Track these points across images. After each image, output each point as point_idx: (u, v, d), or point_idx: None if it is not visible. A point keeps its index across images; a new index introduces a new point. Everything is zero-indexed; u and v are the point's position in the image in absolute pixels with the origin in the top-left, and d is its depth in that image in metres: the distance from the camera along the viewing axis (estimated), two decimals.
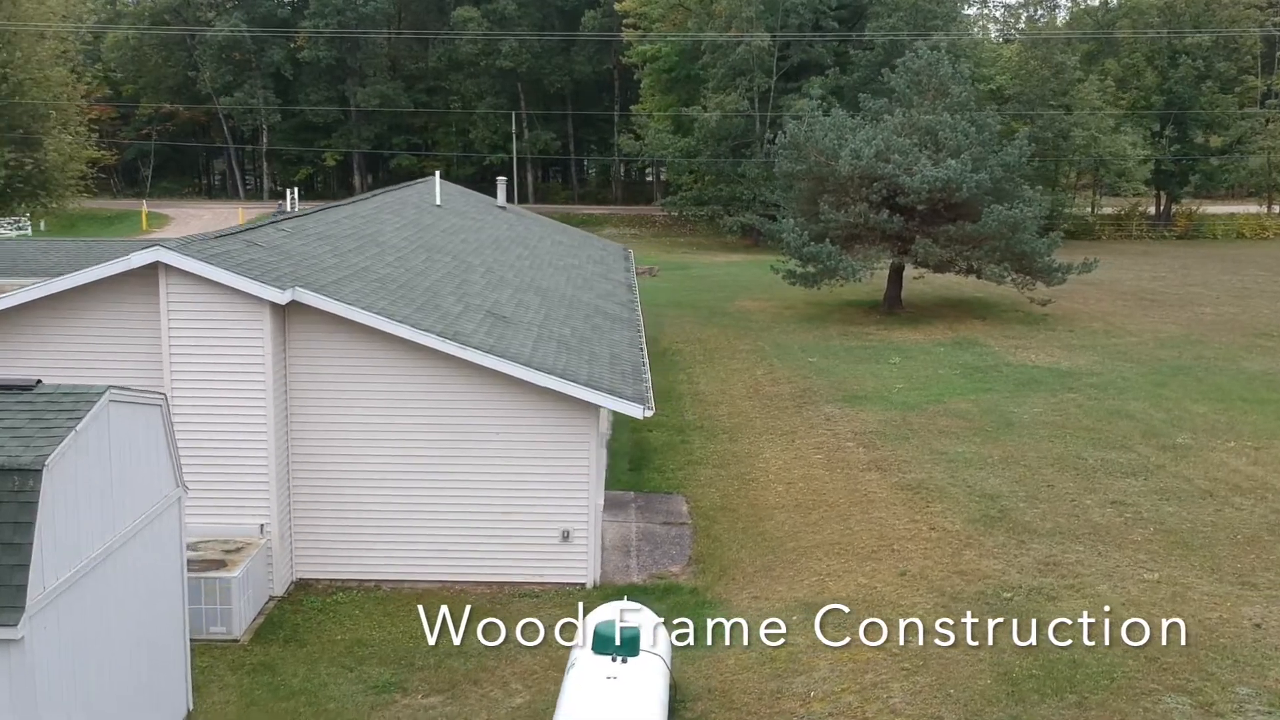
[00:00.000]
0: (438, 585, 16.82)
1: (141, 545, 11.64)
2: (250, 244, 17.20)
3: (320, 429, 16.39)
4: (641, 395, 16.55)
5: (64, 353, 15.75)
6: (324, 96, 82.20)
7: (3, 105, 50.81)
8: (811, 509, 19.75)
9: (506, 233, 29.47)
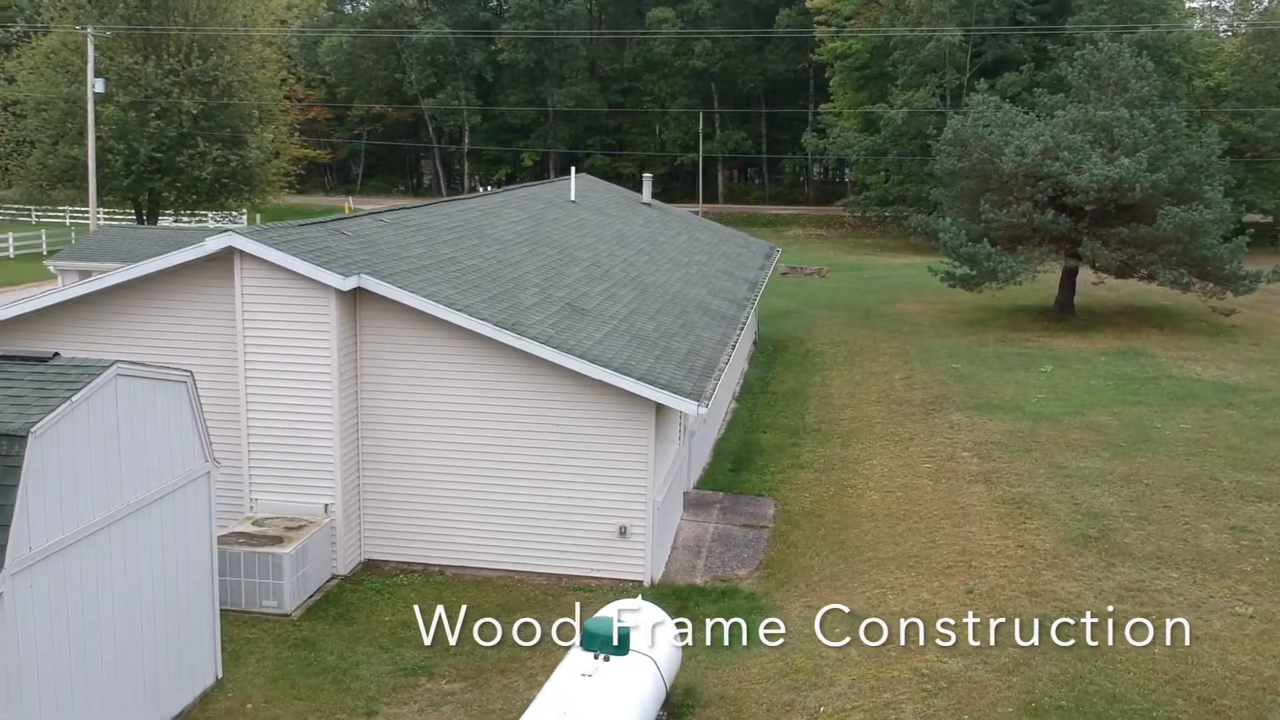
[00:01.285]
0: (497, 574, 16.92)
1: (161, 515, 12.14)
2: (336, 233, 17.74)
3: (389, 414, 16.75)
4: (699, 392, 16.17)
5: (151, 334, 16.65)
6: (522, 98, 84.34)
7: (213, 106, 54.28)
8: (901, 519, 18.88)
9: (638, 229, 29.44)
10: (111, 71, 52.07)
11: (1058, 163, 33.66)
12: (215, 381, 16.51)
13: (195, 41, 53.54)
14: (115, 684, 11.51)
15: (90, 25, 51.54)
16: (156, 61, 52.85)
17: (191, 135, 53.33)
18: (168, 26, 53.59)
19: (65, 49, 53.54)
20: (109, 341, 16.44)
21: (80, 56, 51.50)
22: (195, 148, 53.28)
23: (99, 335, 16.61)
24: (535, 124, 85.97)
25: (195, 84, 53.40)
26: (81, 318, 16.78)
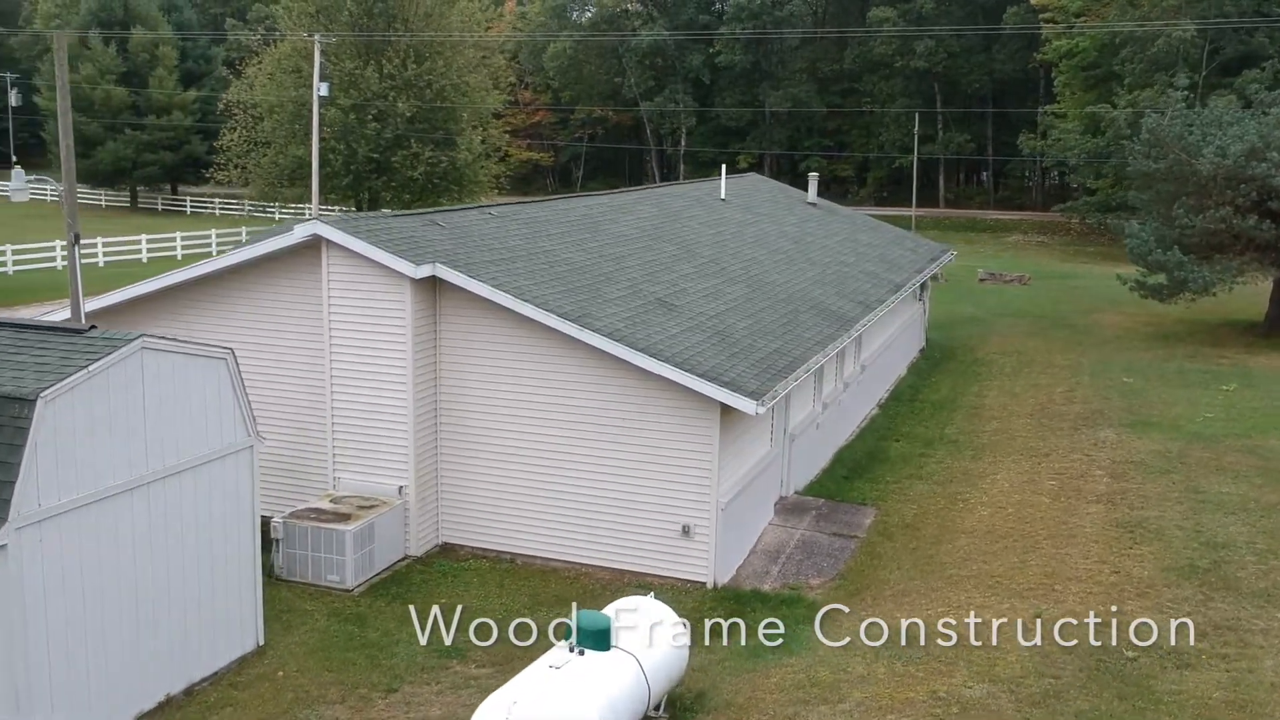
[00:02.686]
0: (564, 565, 16.96)
1: (194, 484, 12.78)
2: (430, 223, 18.21)
3: (465, 402, 17.06)
4: (761, 392, 15.68)
5: (249, 317, 17.59)
6: (738, 100, 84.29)
7: (427, 109, 56.81)
8: (1001, 537, 17.76)
9: (787, 229, 28.85)
10: (335, 76, 55.33)
11: (1264, 164, 30.84)
12: (308, 363, 17.28)
13: (412, 47, 56.19)
14: (137, 640, 12.20)
15: (318, 32, 54.95)
16: (376, 66, 55.79)
17: (406, 137, 56.00)
18: (388, 34, 56.48)
19: (296, 55, 57.25)
20: (207, 325, 17.50)
21: (308, 62, 54.96)
22: (409, 149, 55.93)
23: (200, 319, 17.68)
24: (751, 126, 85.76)
25: (410, 88, 56.05)
26: (185, 303, 17.92)
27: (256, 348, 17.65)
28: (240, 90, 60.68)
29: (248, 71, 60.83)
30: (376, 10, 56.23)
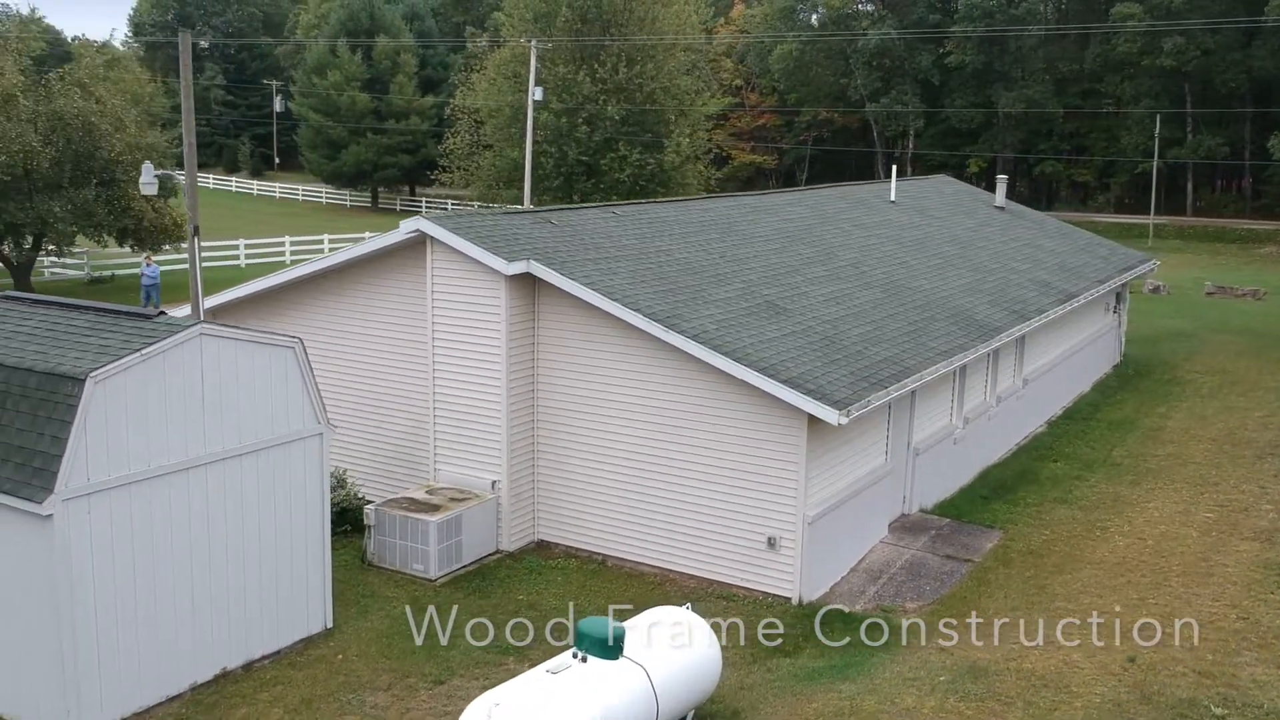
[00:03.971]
0: (652, 570, 16.67)
1: (257, 468, 13.24)
2: (542, 221, 18.29)
3: (561, 399, 17.03)
4: (849, 401, 14.90)
5: (367, 310, 18.15)
6: (969, 101, 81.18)
7: (637, 111, 57.44)
8: (1129, 571, 16.27)
9: (960, 233, 27.40)
10: (549, 80, 56.75)
11: None
12: (417, 357, 17.66)
13: (623, 51, 56.94)
14: (193, 615, 12.74)
15: (534, 38, 56.50)
16: (589, 71, 56.85)
17: (615, 140, 56.82)
18: (602, 38, 57.44)
19: (514, 61, 59.06)
20: (323, 319, 18.23)
21: (526, 68, 56.58)
22: (617, 152, 56.71)
23: (317, 314, 18.43)
24: (983, 128, 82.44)
25: (621, 91, 56.82)
26: (305, 298, 18.71)
27: (371, 339, 18.23)
28: (465, 95, 63.20)
29: (473, 77, 63.28)
30: (590, 15, 57.26)
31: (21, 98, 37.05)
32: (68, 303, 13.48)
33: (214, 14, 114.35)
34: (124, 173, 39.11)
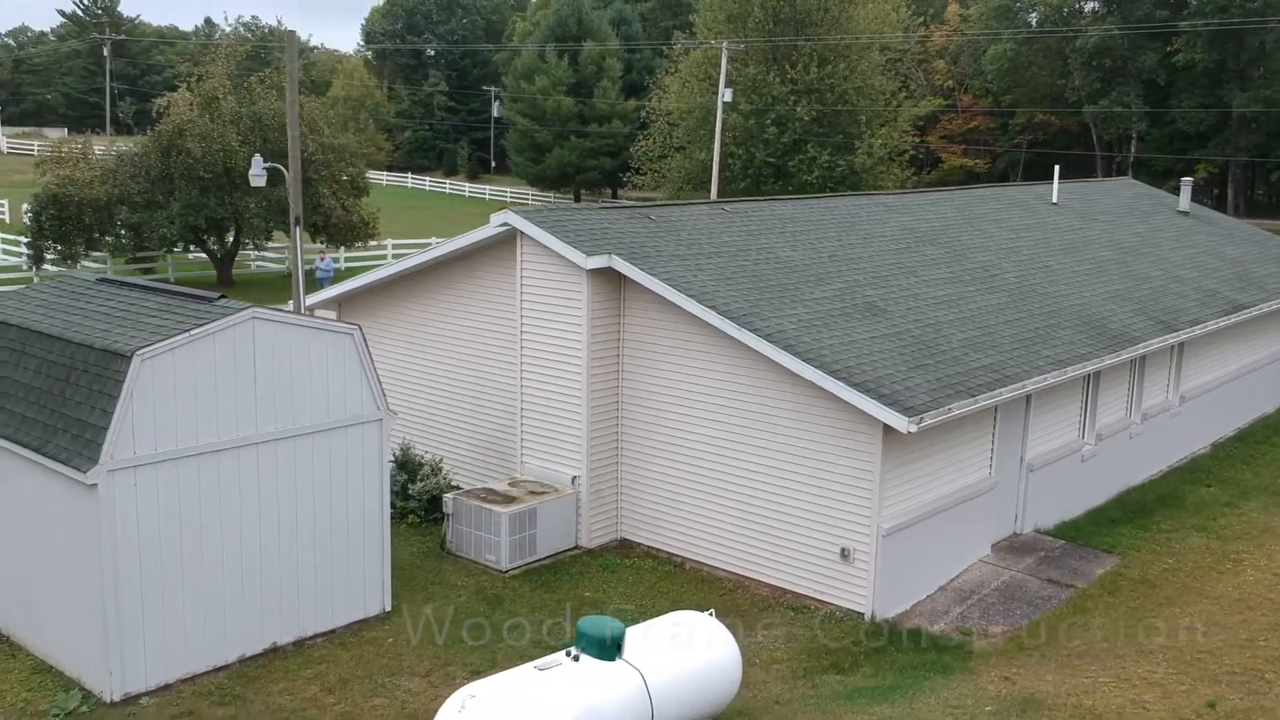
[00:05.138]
0: (728, 575, 16.22)
1: (312, 450, 13.56)
2: (640, 217, 18.09)
3: (644, 397, 16.79)
4: (924, 409, 14.02)
5: (464, 303, 18.41)
6: (1198, 102, 75.89)
7: (829, 112, 56.42)
8: (1251, 608, 14.73)
9: (1126, 238, 25.47)
10: (739, 82, 56.46)
11: None
12: (509, 350, 17.78)
13: (815, 51, 56.03)
14: (242, 590, 13.15)
15: (726, 39, 56.33)
16: (779, 71, 56.23)
17: (804, 141, 55.98)
18: (795, 39, 56.70)
19: (706, 62, 59.03)
20: (421, 313, 18.56)
21: (717, 68, 56.49)
22: (805, 153, 55.85)
23: (416, 308, 18.82)
24: (1214, 131, 76.94)
25: (812, 92, 55.94)
26: (410, 292, 19.17)
27: (470, 331, 18.48)
28: (659, 98, 63.63)
29: (666, 80, 63.64)
30: (783, 16, 56.62)
31: (223, 100, 39.56)
32: (148, 285, 14.18)
33: (439, 22, 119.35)
34: (315, 172, 41.19)
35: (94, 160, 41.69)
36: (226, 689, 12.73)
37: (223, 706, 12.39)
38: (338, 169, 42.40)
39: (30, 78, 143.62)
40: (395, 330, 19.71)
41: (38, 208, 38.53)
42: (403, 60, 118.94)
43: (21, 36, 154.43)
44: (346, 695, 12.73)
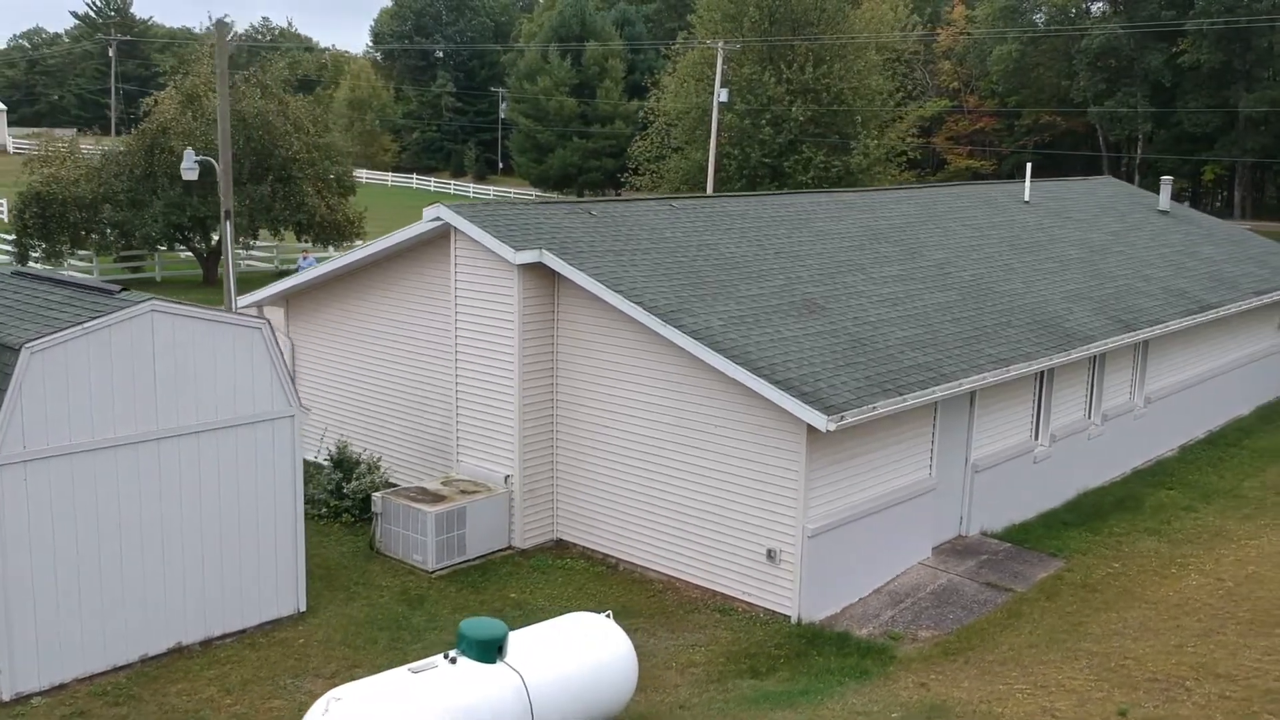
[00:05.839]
0: (659, 577, 15.90)
1: (218, 447, 13.30)
2: (582, 212, 17.80)
3: (577, 395, 16.49)
4: (846, 408, 13.67)
5: (403, 300, 18.16)
6: (1204, 103, 75.08)
7: (824, 112, 55.95)
8: (1188, 614, 14.32)
9: (1097, 237, 25.00)
10: (735, 82, 56.08)
11: None
12: (445, 347, 17.51)
13: (811, 51, 55.60)
14: (144, 589, 12.90)
15: (722, 39, 55.99)
16: (775, 71, 55.82)
17: (799, 142, 55.53)
18: (790, 39, 56.29)
19: (702, 62, 58.65)
20: (368, 310, 18.27)
21: (713, 69, 56.13)
22: (801, 154, 55.40)
23: (359, 304, 18.57)
24: (1220, 133, 76.13)
25: (807, 92, 55.50)
26: (349, 290, 18.97)
27: (411, 328, 18.24)
28: (657, 98, 63.31)
29: (664, 80, 63.32)
30: (779, 16, 56.23)
31: (205, 98, 39.45)
32: (58, 279, 13.97)
33: (448, 24, 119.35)
34: (299, 170, 41.06)
35: (80, 159, 41.69)
36: (123, 689, 12.49)
37: (116, 707, 12.14)
38: (323, 168, 42.23)
39: (44, 79, 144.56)
40: (339, 327, 19.48)
41: (20, 206, 38.52)
42: (411, 61, 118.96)
43: (36, 38, 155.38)
44: (244, 696, 12.46)
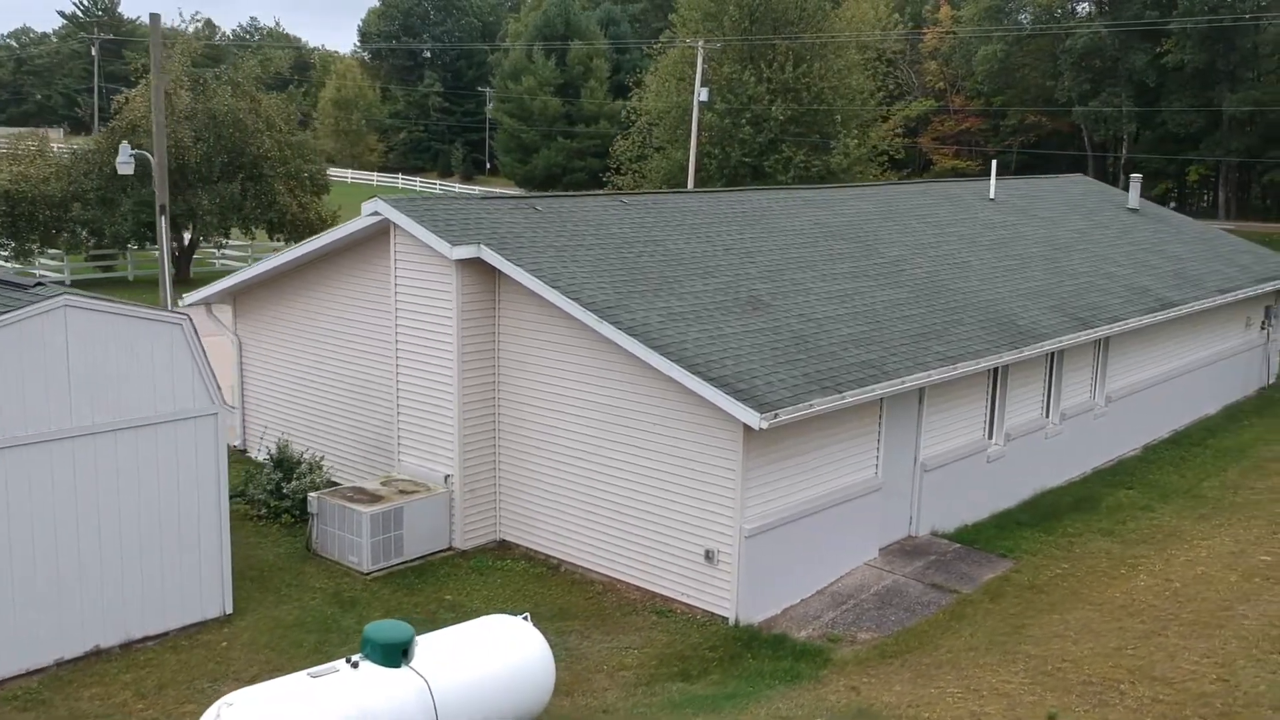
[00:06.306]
0: (600, 578, 15.61)
1: (136, 445, 12.98)
2: (527, 207, 17.52)
3: (519, 393, 16.20)
4: (781, 404, 13.39)
5: (348, 297, 17.85)
6: (1188, 103, 74.93)
7: (806, 113, 55.72)
8: (1131, 615, 14.06)
9: (1062, 234, 24.76)
10: (715, 81, 55.82)
11: None
12: (386, 344, 17.21)
13: (792, 50, 55.36)
14: (59, 590, 12.59)
15: (702, 38, 55.73)
16: (755, 70, 55.58)
17: (779, 141, 55.29)
18: (770, 38, 56.04)
19: (683, 62, 58.40)
20: (301, 310, 17.99)
21: (693, 68, 55.86)
22: (781, 153, 55.16)
23: (307, 301, 18.26)
24: (1204, 133, 75.99)
25: (788, 91, 55.26)
26: (293, 288, 18.66)
27: (354, 325, 17.96)
28: (639, 97, 63.04)
29: (646, 79, 63.06)
30: (759, 14, 56.00)
31: (174, 95, 39.10)
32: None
33: (435, 24, 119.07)
34: (271, 169, 40.75)
35: (50, 157, 41.33)
36: (34, 693, 12.18)
37: (25, 712, 11.84)
38: (295, 166, 41.92)
39: (33, 79, 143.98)
40: (286, 324, 19.18)
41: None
42: (398, 61, 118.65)
43: (24, 37, 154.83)
44: (158, 701, 12.16)
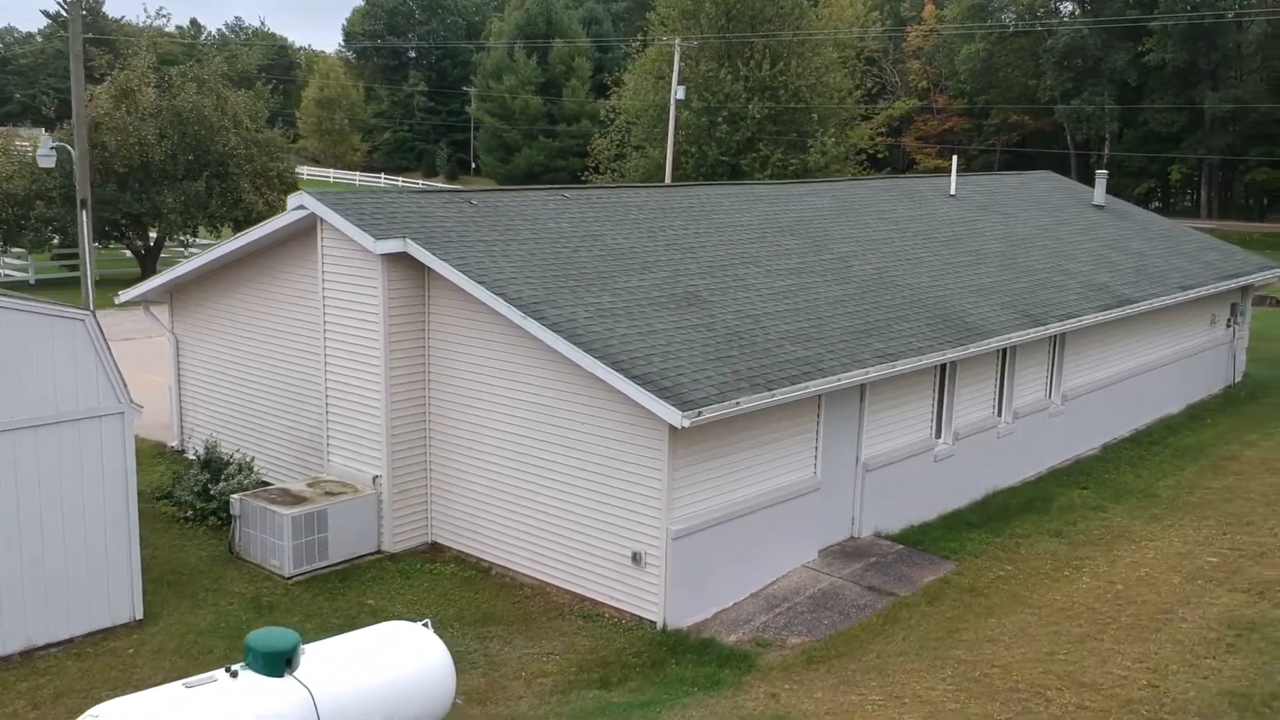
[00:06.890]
0: (530, 581, 15.19)
1: (35, 445, 12.53)
2: (461, 202, 17.11)
3: (449, 392, 15.79)
4: (705, 402, 13.00)
5: (279, 294, 17.44)
6: (1170, 103, 74.72)
7: (783, 111, 55.37)
8: (1068, 619, 13.68)
9: (1021, 231, 24.41)
10: (692, 79, 55.45)
11: None
12: (316, 342, 16.80)
13: (769, 48, 55.01)
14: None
15: (678, 37, 55.34)
16: (731, 68, 55.22)
17: (756, 139, 54.94)
18: (747, 35, 55.68)
19: (660, 60, 58.03)
20: (233, 308, 17.56)
21: (670, 66, 55.48)
22: (758, 152, 54.81)
23: (239, 298, 17.82)
24: (1185, 132, 75.80)
25: (765, 89, 54.90)
26: (228, 284, 18.21)
27: (284, 323, 17.54)
28: (617, 96, 62.67)
29: (625, 78, 62.69)
30: (736, 12, 55.64)
31: (139, 93, 38.65)
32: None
33: (420, 24, 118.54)
34: (236, 166, 40.30)
35: (14, 155, 40.82)
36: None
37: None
38: (262, 164, 41.46)
39: (16, 78, 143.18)
40: (221, 322, 18.75)
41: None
42: (383, 61, 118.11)
43: (8, 37, 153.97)
44: (52, 710, 11.72)
